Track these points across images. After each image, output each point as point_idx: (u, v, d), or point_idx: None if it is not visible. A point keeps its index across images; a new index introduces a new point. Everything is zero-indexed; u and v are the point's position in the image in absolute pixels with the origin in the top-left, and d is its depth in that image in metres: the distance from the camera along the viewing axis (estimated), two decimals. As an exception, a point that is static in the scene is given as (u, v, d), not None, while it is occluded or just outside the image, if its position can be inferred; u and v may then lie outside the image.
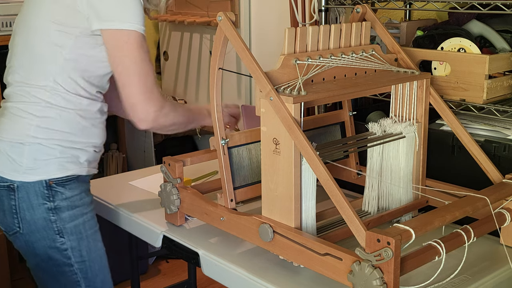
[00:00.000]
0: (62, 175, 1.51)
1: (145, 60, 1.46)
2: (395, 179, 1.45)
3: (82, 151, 1.54)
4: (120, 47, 1.43)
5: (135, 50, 1.44)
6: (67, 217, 1.53)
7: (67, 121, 1.50)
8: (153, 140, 3.10)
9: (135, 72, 1.44)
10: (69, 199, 1.53)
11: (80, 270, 1.58)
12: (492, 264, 1.35)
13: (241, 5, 2.82)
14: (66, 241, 1.54)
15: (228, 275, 1.37)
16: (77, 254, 1.56)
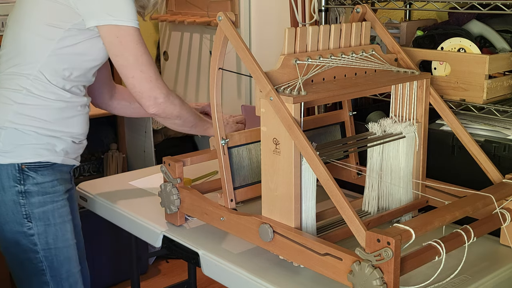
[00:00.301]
0: (35, 160, 1.55)
1: (145, 53, 1.53)
2: (395, 179, 1.45)
3: (59, 140, 1.58)
4: (119, 42, 1.50)
5: (134, 45, 1.51)
6: (36, 202, 1.57)
7: (46, 110, 1.55)
8: (153, 140, 3.10)
9: (137, 64, 1.51)
10: (39, 185, 1.57)
11: (45, 258, 1.60)
12: (492, 264, 1.35)
13: (241, 5, 2.82)
14: (33, 226, 1.57)
15: (228, 275, 1.37)
16: (43, 241, 1.59)
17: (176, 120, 1.62)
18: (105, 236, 2.83)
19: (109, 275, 2.90)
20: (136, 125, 3.18)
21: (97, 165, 3.20)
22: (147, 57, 1.53)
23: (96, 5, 1.48)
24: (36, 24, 1.54)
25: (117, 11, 1.48)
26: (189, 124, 1.66)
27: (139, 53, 1.52)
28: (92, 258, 2.80)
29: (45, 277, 1.61)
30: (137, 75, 1.52)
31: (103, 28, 1.50)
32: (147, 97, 1.53)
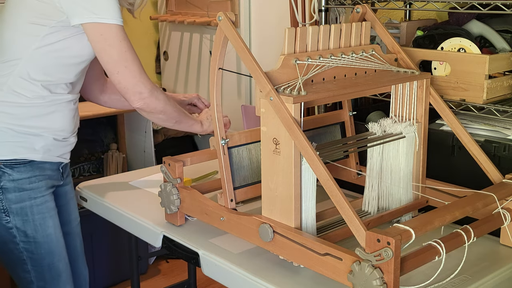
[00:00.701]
0: (11, 158, 1.59)
1: (129, 49, 1.57)
2: (395, 179, 1.45)
3: (38, 137, 1.62)
4: (103, 39, 1.54)
5: (118, 42, 1.54)
6: (13, 198, 1.61)
7: (24, 107, 1.59)
8: (153, 140, 3.10)
9: (121, 60, 1.55)
10: (16, 181, 1.61)
11: (25, 249, 1.65)
12: (492, 264, 1.35)
13: (241, 5, 2.82)
14: (11, 220, 1.62)
15: (228, 275, 1.37)
16: (22, 234, 1.64)
17: (160, 115, 1.65)
18: (105, 236, 2.83)
19: (109, 275, 2.90)
20: (136, 125, 3.18)
21: (97, 165, 3.20)
22: (131, 53, 1.57)
23: (80, 4, 1.51)
24: (21, 23, 1.56)
25: (100, 9, 1.52)
26: (173, 119, 1.68)
27: (123, 49, 1.55)
28: (92, 258, 2.81)
29: (26, 266, 1.67)
30: (122, 71, 1.55)
31: (87, 26, 1.53)
32: (132, 92, 1.57)
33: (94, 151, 3.19)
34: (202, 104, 1.95)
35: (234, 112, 2.70)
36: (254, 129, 1.54)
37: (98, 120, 3.21)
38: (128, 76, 1.56)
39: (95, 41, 1.55)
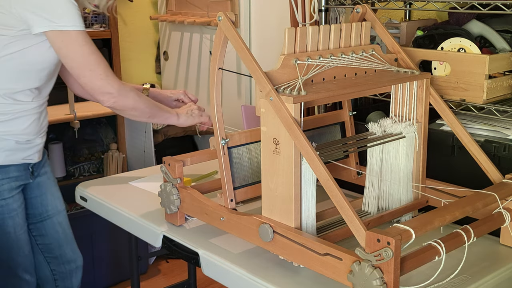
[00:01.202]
0: None
1: (93, 53, 1.64)
2: (395, 179, 1.45)
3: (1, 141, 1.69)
4: (65, 46, 1.62)
5: (80, 47, 1.62)
6: None
7: None
8: (153, 140, 3.10)
9: (86, 65, 1.63)
10: None
11: None
12: (492, 264, 1.35)
13: (241, 5, 2.82)
14: None
15: (228, 275, 1.37)
16: None
17: (131, 112, 1.73)
18: (105, 236, 2.83)
19: (109, 275, 2.90)
20: (136, 125, 3.18)
21: (97, 165, 3.20)
22: (95, 57, 1.64)
23: (38, 13, 1.57)
24: None
25: (58, 18, 1.58)
26: (146, 114, 1.75)
27: (85, 54, 1.62)
28: (92, 258, 2.81)
29: None
30: (87, 75, 1.63)
31: (48, 34, 1.60)
32: (100, 93, 1.66)
33: (94, 151, 3.19)
34: (188, 99, 2.01)
35: (234, 112, 2.70)
36: (254, 129, 1.54)
37: (98, 120, 3.21)
38: (94, 79, 1.64)
39: (57, 48, 1.62)
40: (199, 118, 1.89)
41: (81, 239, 2.74)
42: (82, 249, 2.76)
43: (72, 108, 2.77)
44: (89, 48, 1.63)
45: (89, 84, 1.65)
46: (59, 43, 1.61)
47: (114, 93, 1.66)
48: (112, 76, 1.67)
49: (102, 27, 3.14)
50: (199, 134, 2.01)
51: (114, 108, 1.70)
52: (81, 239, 2.75)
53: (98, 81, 1.64)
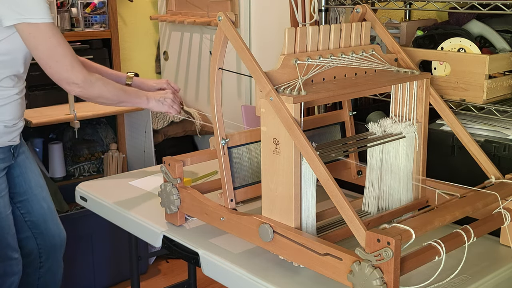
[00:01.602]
0: None
1: (59, 44, 1.73)
2: (395, 179, 1.45)
3: None
4: (33, 38, 1.71)
5: (46, 39, 1.71)
6: None
7: None
8: (153, 140, 3.10)
9: (52, 56, 1.72)
10: None
11: None
12: (492, 264, 1.35)
13: (241, 5, 2.82)
14: None
15: (228, 275, 1.37)
16: None
17: (98, 99, 1.84)
18: (105, 236, 2.83)
19: (109, 275, 2.90)
20: (136, 125, 3.18)
21: (97, 165, 3.20)
22: (61, 48, 1.73)
23: (8, 6, 1.67)
24: None
25: (26, 10, 1.67)
26: (114, 101, 1.87)
27: (52, 46, 1.71)
28: (92, 258, 2.81)
29: None
30: (54, 65, 1.73)
31: (17, 27, 1.70)
32: (66, 84, 1.76)
33: (94, 151, 3.19)
34: (171, 88, 2.07)
35: (234, 112, 2.70)
36: (254, 129, 1.54)
37: (98, 120, 3.21)
38: (60, 70, 1.74)
39: (25, 40, 1.72)
40: (168, 108, 1.97)
41: (81, 239, 2.75)
42: (82, 249, 2.78)
43: (72, 108, 2.77)
44: (57, 40, 1.71)
45: (55, 75, 1.75)
46: (27, 35, 1.70)
47: (80, 83, 1.75)
48: (78, 67, 1.76)
49: (102, 27, 3.14)
50: (199, 134, 2.01)
51: (81, 97, 1.81)
52: (81, 239, 2.76)
53: (64, 72, 1.74)
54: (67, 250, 2.71)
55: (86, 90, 1.77)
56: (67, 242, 2.70)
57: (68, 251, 2.72)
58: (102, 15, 3.13)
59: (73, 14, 3.05)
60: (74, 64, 1.75)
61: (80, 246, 2.77)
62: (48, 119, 2.71)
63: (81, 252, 2.77)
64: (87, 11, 3.08)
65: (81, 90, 1.77)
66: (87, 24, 3.09)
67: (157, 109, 1.95)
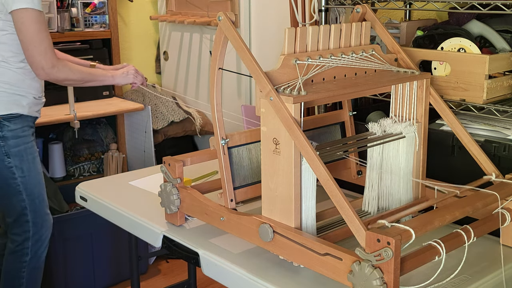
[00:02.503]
0: (7, 113, 2.10)
1: (40, 31, 2.02)
2: (395, 179, 1.45)
3: (23, 97, 2.12)
4: (21, 22, 2.00)
5: (31, 24, 1.99)
6: (12, 144, 2.12)
7: (11, 76, 2.10)
8: (153, 140, 3.10)
9: (32, 40, 2.01)
10: (13, 131, 2.12)
11: (21, 182, 2.16)
12: (492, 264, 1.35)
13: (241, 5, 2.82)
14: (11, 161, 2.13)
15: (228, 275, 1.37)
16: (19, 170, 2.15)
17: (65, 82, 2.16)
18: (105, 236, 2.83)
19: (109, 275, 2.90)
20: (136, 125, 3.18)
21: (97, 165, 3.20)
22: (41, 35, 2.01)
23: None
24: None
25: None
26: (80, 82, 2.19)
27: (34, 31, 1.99)
28: (92, 258, 2.81)
29: (21, 196, 2.17)
30: (30, 49, 2.01)
31: (14, 12, 1.99)
32: (35, 67, 2.05)
33: (94, 151, 3.19)
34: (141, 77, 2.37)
35: (234, 112, 2.70)
36: (254, 129, 1.54)
37: (98, 120, 3.21)
38: (35, 53, 2.01)
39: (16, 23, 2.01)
40: (134, 78, 2.30)
41: (81, 239, 2.76)
42: (82, 249, 2.78)
43: (72, 108, 2.77)
44: (40, 25, 2.01)
45: (30, 58, 2.03)
46: (17, 20, 1.99)
47: (47, 69, 2.04)
48: (51, 54, 2.04)
49: (102, 27, 3.14)
50: (199, 134, 2.02)
51: (49, 80, 2.10)
52: (81, 239, 2.76)
53: (37, 56, 2.01)
54: (67, 250, 2.72)
55: (53, 75, 2.06)
56: (67, 242, 2.70)
57: (68, 251, 2.73)
58: (102, 15, 3.13)
59: (73, 14, 3.05)
60: (48, 51, 2.03)
61: (80, 246, 2.77)
62: (48, 119, 2.71)
63: (81, 252, 2.77)
64: (87, 11, 3.08)
65: (47, 75, 2.05)
66: (87, 24, 3.10)
67: (123, 81, 2.28)
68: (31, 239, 2.22)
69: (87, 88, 3.05)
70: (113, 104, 3.08)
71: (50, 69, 2.04)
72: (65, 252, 2.72)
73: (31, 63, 2.04)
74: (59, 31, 2.97)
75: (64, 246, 2.70)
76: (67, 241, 2.71)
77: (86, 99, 3.08)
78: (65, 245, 2.71)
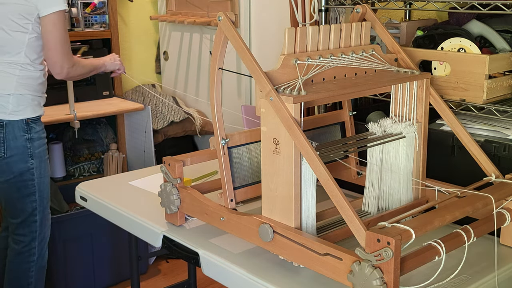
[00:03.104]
0: (34, 115, 2.19)
1: (66, 31, 2.14)
2: (395, 179, 1.45)
3: (41, 98, 2.24)
4: (53, 24, 2.08)
5: (62, 25, 2.10)
6: (36, 145, 2.20)
7: (36, 78, 2.19)
8: (153, 140, 3.10)
9: (61, 41, 2.11)
10: (38, 132, 2.21)
11: (37, 183, 2.23)
12: (492, 264, 1.35)
13: (241, 5, 2.82)
14: (34, 162, 2.20)
15: (228, 275, 1.37)
16: (38, 172, 2.22)
17: (77, 77, 2.31)
18: (105, 236, 2.83)
19: (109, 275, 2.90)
20: (136, 125, 3.18)
21: (97, 165, 3.20)
22: (67, 35, 2.14)
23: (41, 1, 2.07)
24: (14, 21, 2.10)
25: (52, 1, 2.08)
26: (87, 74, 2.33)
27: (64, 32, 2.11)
28: (92, 258, 2.81)
29: (34, 197, 2.23)
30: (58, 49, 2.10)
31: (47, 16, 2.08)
32: (59, 66, 2.14)
33: (94, 151, 3.19)
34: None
35: (234, 112, 2.70)
36: (254, 129, 1.54)
37: (98, 120, 3.21)
38: (60, 54, 2.11)
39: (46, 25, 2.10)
40: (120, 65, 2.51)
41: (81, 239, 2.76)
42: (82, 249, 2.78)
43: (72, 108, 2.77)
44: (66, 27, 2.12)
45: (53, 58, 2.12)
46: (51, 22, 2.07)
47: (68, 68, 2.15)
48: (71, 53, 2.17)
49: (102, 27, 3.14)
50: (199, 134, 2.02)
51: (65, 78, 2.22)
52: (81, 239, 2.76)
53: (62, 56, 2.12)
54: (67, 250, 2.72)
55: (71, 74, 2.19)
56: (67, 242, 2.70)
57: (68, 251, 2.73)
58: (102, 15, 3.13)
59: (73, 14, 3.05)
60: (70, 51, 2.16)
61: (80, 246, 2.77)
62: (48, 119, 2.71)
63: (81, 252, 2.77)
64: (87, 11, 3.07)
65: (68, 73, 2.16)
66: (87, 24, 3.09)
67: (112, 67, 2.48)
68: (37, 239, 2.27)
69: (87, 88, 3.07)
70: (113, 104, 3.07)
71: (71, 68, 2.15)
72: (65, 252, 2.72)
73: (53, 63, 2.12)
74: (59, 31, 2.96)
75: (64, 246, 2.70)
76: (67, 241, 2.71)
77: (86, 99, 3.08)
78: (65, 245, 2.71)
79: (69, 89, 2.77)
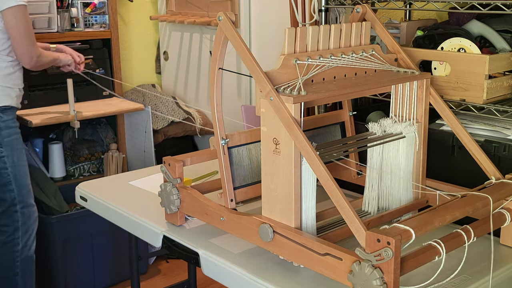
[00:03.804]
0: (1, 105, 2.25)
1: (29, 23, 2.23)
2: (395, 179, 1.45)
3: (11, 89, 2.30)
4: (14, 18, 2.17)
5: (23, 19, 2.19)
6: (5, 134, 2.27)
7: (2, 70, 2.26)
8: (153, 140, 3.10)
9: (26, 33, 2.21)
10: (6, 122, 2.27)
11: (11, 172, 2.29)
12: (492, 264, 1.35)
13: (241, 5, 2.82)
14: (4, 151, 2.27)
15: (228, 275, 1.37)
16: (10, 160, 2.29)
17: (42, 67, 2.41)
18: (105, 236, 2.83)
19: (109, 275, 2.90)
20: (136, 125, 3.18)
21: (97, 165, 3.20)
22: (31, 27, 2.24)
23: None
24: None
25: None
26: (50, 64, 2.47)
27: (27, 25, 2.20)
28: (92, 258, 2.81)
29: (11, 186, 2.30)
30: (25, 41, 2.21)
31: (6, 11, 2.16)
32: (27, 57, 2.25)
33: (94, 151, 3.19)
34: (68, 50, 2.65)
35: (234, 112, 2.70)
36: (254, 129, 1.54)
37: (98, 120, 3.21)
38: (27, 45, 2.22)
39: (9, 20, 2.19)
40: (71, 62, 2.58)
41: (81, 239, 2.76)
42: (82, 249, 2.78)
43: (72, 108, 2.77)
44: (29, 20, 2.21)
45: (21, 50, 2.22)
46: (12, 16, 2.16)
47: (36, 57, 2.26)
48: (36, 44, 2.27)
49: (102, 27, 3.14)
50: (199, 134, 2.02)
51: (33, 68, 2.35)
52: (81, 239, 2.76)
53: (29, 47, 2.22)
54: (67, 250, 2.72)
55: (39, 63, 2.31)
56: (67, 242, 2.70)
57: (68, 251, 2.73)
58: (102, 15, 3.13)
59: (73, 14, 3.05)
60: (35, 41, 2.27)
61: (80, 246, 2.77)
62: (48, 119, 2.71)
63: (81, 252, 2.77)
64: (87, 11, 3.07)
65: (36, 63, 2.28)
66: (87, 24, 3.09)
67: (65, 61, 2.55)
68: (20, 229, 2.34)
69: (87, 88, 3.06)
70: (113, 104, 3.07)
71: (38, 57, 2.29)
72: (65, 252, 2.72)
73: (22, 54, 2.24)
74: (59, 31, 2.96)
75: (64, 246, 2.70)
76: (67, 241, 2.71)
77: (86, 99, 3.08)
78: (65, 245, 2.71)
79: (69, 89, 2.77)
